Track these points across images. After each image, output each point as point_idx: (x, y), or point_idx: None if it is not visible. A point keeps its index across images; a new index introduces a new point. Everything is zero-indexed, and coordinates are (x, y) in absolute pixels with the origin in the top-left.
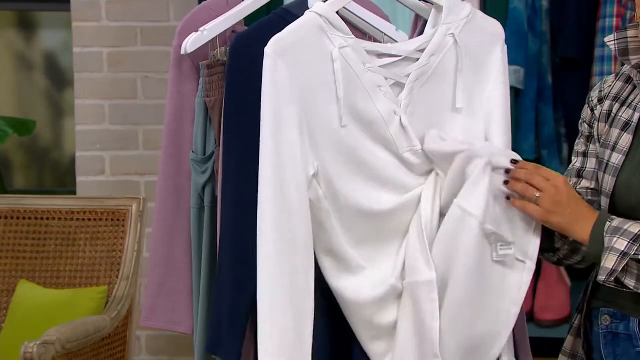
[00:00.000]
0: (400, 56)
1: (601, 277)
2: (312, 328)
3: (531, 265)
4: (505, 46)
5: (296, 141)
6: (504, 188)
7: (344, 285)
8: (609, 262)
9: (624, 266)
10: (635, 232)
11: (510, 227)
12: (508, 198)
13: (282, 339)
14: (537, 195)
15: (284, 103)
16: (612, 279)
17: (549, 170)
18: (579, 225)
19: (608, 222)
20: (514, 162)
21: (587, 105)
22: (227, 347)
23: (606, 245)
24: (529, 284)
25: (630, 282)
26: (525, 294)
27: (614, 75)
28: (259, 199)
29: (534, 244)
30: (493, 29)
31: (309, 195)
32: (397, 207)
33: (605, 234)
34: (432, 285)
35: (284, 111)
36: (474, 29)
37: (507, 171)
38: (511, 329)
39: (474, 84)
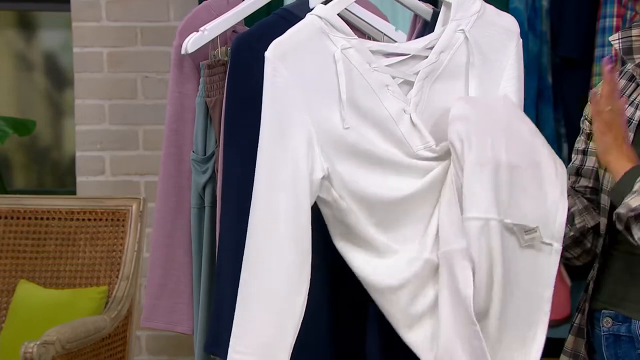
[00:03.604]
0: (407, 54)
1: (621, 210)
2: (296, 334)
3: (558, 247)
4: (521, 40)
5: (298, 145)
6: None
7: (379, 272)
8: (634, 201)
9: (637, 216)
10: None
11: (527, 212)
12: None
13: (253, 336)
14: (609, 109)
15: (284, 107)
16: (632, 214)
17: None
18: (621, 158)
19: None
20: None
21: (589, 102)
22: (226, 347)
23: (635, 189)
24: (557, 265)
25: (637, 233)
26: (555, 276)
27: (617, 72)
28: (252, 200)
29: (559, 224)
30: (507, 24)
31: (325, 197)
32: (418, 189)
33: (637, 180)
34: (464, 253)
35: (285, 115)
36: (486, 24)
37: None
38: (549, 312)
39: (486, 79)
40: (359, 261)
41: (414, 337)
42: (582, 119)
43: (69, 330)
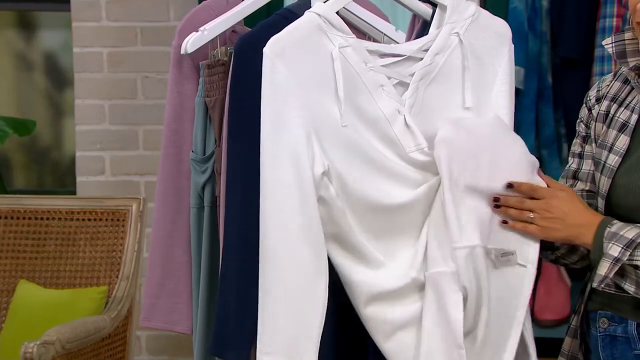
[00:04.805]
0: (403, 56)
1: (594, 284)
2: (321, 327)
3: (532, 269)
4: (512, 46)
5: (299, 141)
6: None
7: (362, 279)
8: (602, 268)
9: (623, 272)
10: (630, 237)
11: (508, 236)
12: (505, 222)
13: (278, 335)
14: (532, 217)
15: (283, 104)
16: (603, 285)
17: (540, 189)
18: (582, 233)
19: (608, 228)
20: (509, 186)
21: (584, 105)
22: (234, 349)
23: (604, 251)
24: (531, 286)
25: (630, 288)
26: (529, 297)
27: (612, 74)
28: (260, 199)
29: (533, 248)
30: (500, 29)
31: (323, 194)
32: (410, 200)
33: (604, 239)
34: (453, 277)
35: (284, 112)
36: (480, 28)
37: (496, 199)
38: (520, 331)
39: (480, 83)
40: (345, 265)
41: (390, 346)
42: (577, 121)
43: (69, 330)
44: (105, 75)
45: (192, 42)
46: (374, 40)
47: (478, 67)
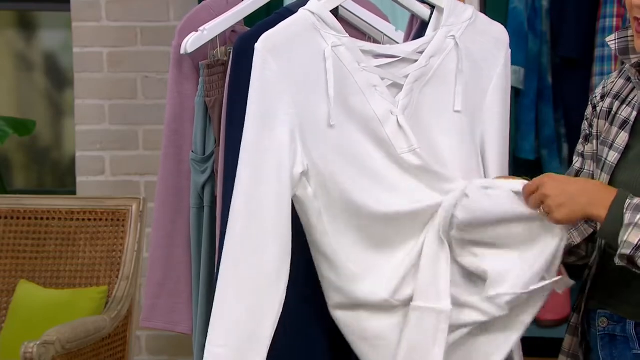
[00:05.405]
0: (397, 57)
1: (626, 251)
2: (274, 328)
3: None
4: (509, 51)
5: (281, 138)
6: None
7: (331, 280)
8: (633, 237)
9: None
10: None
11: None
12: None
13: (231, 329)
14: (542, 209)
15: (271, 100)
16: (639, 253)
17: (528, 185)
18: (595, 203)
19: (628, 200)
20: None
21: (590, 103)
22: None
23: (627, 221)
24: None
25: None
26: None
27: (616, 72)
28: (234, 190)
29: (529, 314)
30: (498, 34)
31: (299, 194)
32: (396, 212)
33: (625, 210)
34: (444, 316)
35: (270, 108)
36: (477, 32)
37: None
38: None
39: (475, 87)
40: (318, 263)
41: (355, 347)
42: (583, 119)
43: (69, 330)
44: (105, 75)
45: (192, 42)
46: (374, 41)
47: (473, 71)
